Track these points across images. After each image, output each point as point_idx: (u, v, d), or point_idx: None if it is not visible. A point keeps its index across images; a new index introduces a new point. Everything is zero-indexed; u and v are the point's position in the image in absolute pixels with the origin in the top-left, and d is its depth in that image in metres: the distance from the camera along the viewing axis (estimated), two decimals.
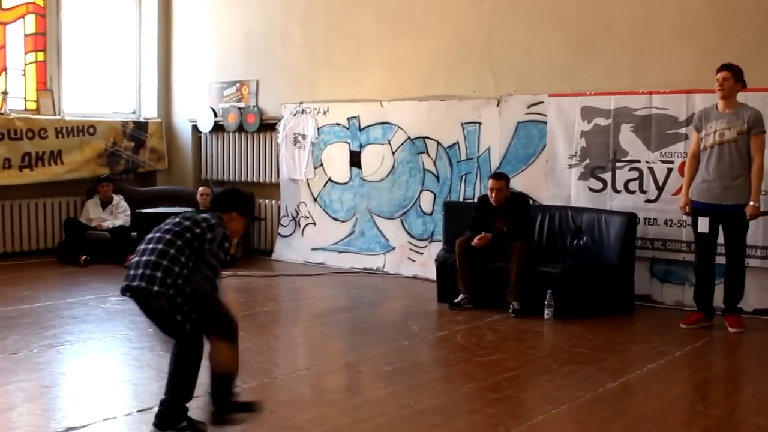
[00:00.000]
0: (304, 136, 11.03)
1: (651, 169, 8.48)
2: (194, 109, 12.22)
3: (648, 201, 8.50)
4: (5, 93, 11.02)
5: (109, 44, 12.33)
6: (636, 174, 8.58)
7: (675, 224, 8.35)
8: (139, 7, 12.51)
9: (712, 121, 7.36)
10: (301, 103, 11.06)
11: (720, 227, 7.45)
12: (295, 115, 11.11)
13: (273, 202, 11.56)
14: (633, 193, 8.59)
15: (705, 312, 7.58)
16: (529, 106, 9.26)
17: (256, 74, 11.65)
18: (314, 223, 11.02)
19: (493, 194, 8.26)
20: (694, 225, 7.52)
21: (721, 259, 7.55)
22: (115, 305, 8.31)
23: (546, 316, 7.77)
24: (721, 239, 7.48)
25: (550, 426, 4.98)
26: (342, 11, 10.84)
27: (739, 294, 7.51)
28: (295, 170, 11.14)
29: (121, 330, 7.36)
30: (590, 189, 8.85)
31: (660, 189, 8.44)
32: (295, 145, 11.12)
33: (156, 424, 4.65)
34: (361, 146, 10.57)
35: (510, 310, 7.95)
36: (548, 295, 7.79)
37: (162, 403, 4.67)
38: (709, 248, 7.49)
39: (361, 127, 10.55)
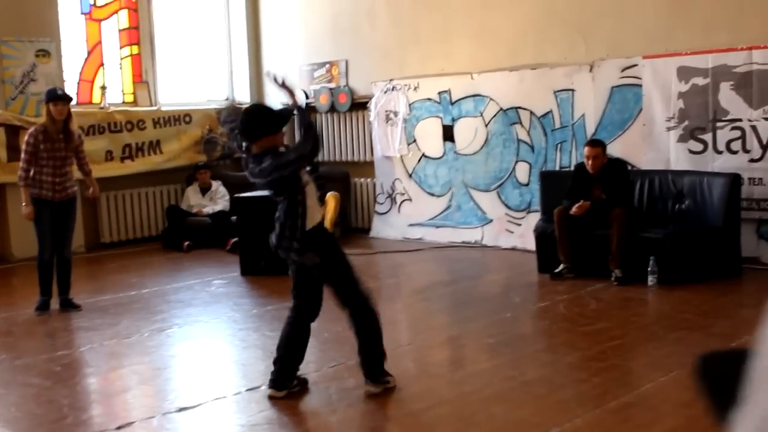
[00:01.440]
0: (395, 113, 11.03)
1: (754, 128, 8.22)
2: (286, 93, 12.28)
3: (752, 160, 8.25)
4: (104, 87, 11.30)
5: (200, 33, 12.52)
6: (738, 133, 8.32)
7: None
8: None
9: None
10: (391, 80, 11.05)
11: None
12: (385, 92, 11.11)
13: (368, 180, 11.59)
14: (735, 153, 8.34)
15: None
16: (623, 70, 9.07)
17: (345, 54, 11.68)
18: (410, 199, 11.03)
19: (590, 161, 8.13)
20: None
21: None
22: (219, 288, 8.49)
23: (650, 283, 7.63)
24: None
25: (659, 393, 4.90)
26: None
27: None
28: (388, 147, 11.16)
29: (226, 312, 7.53)
30: (690, 151, 8.63)
31: (765, 147, 8.18)
32: (387, 122, 11.13)
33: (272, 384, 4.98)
34: (453, 120, 10.52)
35: (612, 278, 7.83)
36: (651, 262, 7.63)
37: (276, 361, 4.99)
38: None
39: (453, 100, 10.49)
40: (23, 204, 7.44)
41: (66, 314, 7.54)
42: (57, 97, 7.46)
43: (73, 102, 10.91)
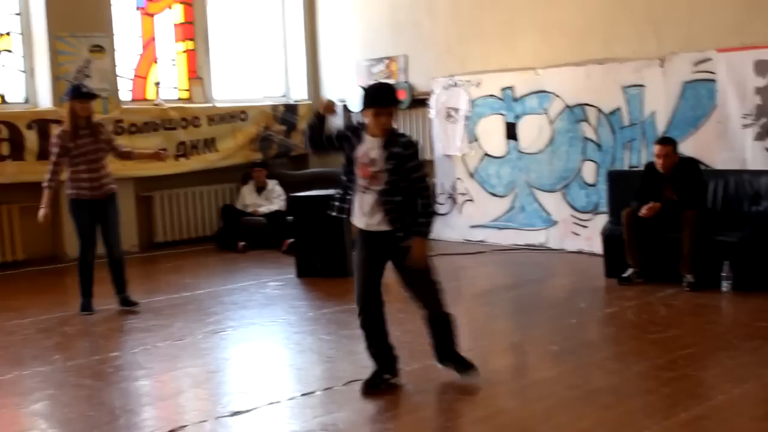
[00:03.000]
0: (457, 110, 10.77)
1: None
2: (344, 89, 12.12)
3: None
4: (158, 84, 11.22)
5: (256, 28, 12.40)
6: None
7: None
8: None
9: None
10: (452, 76, 10.79)
11: None
12: (446, 89, 10.86)
13: (428, 180, 11.31)
14: None
15: None
16: (696, 64, 8.69)
17: (405, 49, 11.45)
18: (472, 200, 10.76)
19: (660, 160, 7.81)
20: None
21: None
22: (275, 290, 8.40)
23: (724, 289, 7.30)
24: None
25: (733, 406, 4.69)
26: None
27: None
28: (449, 146, 10.90)
29: (281, 315, 7.45)
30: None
31: None
32: (448, 119, 10.87)
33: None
34: (516, 117, 10.23)
35: (684, 284, 7.51)
36: (725, 266, 7.30)
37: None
38: None
39: (516, 97, 10.20)
40: (41, 206, 7.47)
41: (118, 315, 7.52)
42: (82, 95, 7.45)
43: (128, 98, 11.00)
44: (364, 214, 4.97)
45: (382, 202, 4.89)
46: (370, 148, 4.89)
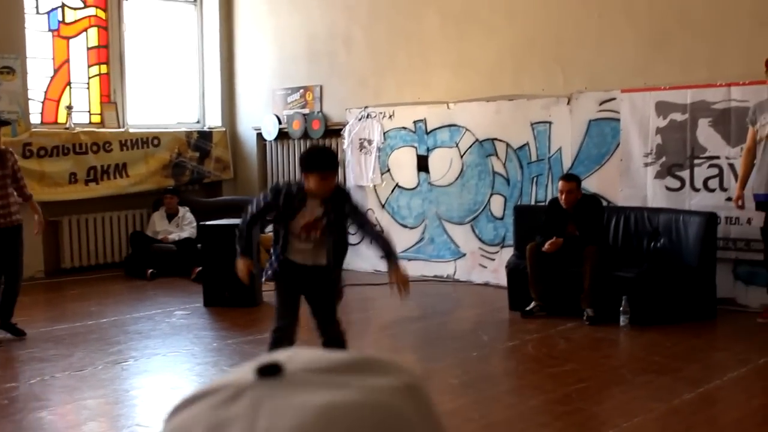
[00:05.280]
0: (370, 141, 10.84)
1: (732, 166, 8.06)
2: (258, 117, 12.12)
3: (729, 199, 8.07)
4: (70, 107, 11.05)
5: (172, 54, 12.31)
6: (716, 171, 8.17)
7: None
8: (201, 15, 12.47)
9: (765, 112, 7.08)
10: (366, 107, 10.86)
11: None
12: (360, 119, 10.92)
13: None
14: (713, 191, 8.19)
15: None
16: (601, 103, 8.91)
17: (320, 79, 11.50)
18: (382, 231, 10.76)
19: (564, 196, 7.95)
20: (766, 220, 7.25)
21: None
22: (181, 319, 8.31)
23: (622, 323, 7.43)
24: None
25: None
26: (405, 12, 10.61)
27: None
28: (361, 176, 10.95)
29: (185, 345, 7.37)
30: (667, 188, 8.47)
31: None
32: (361, 150, 10.93)
33: None
34: (428, 150, 10.33)
35: (584, 318, 7.63)
36: (623, 301, 7.44)
37: None
38: None
39: (428, 130, 10.31)
40: None
41: (17, 344, 7.28)
42: None
43: (38, 121, 10.80)
44: (297, 251, 5.01)
45: (320, 243, 4.98)
46: (313, 207, 4.93)
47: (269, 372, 0.79)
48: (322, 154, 5.09)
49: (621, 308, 7.43)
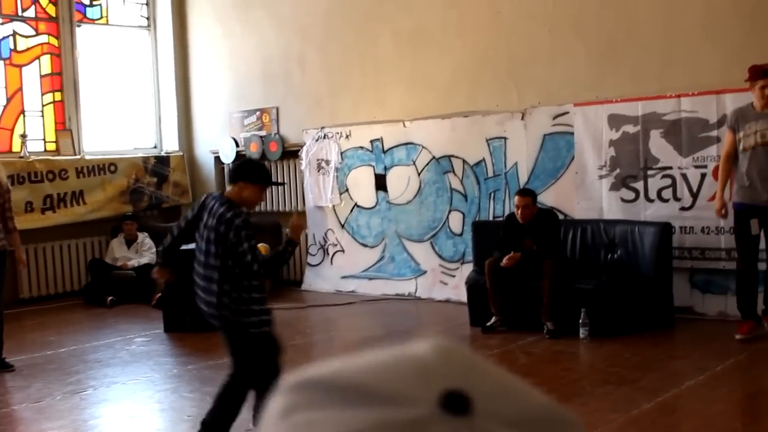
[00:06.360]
0: (327, 162, 10.83)
1: (684, 176, 8.17)
2: (215, 140, 12.08)
3: (683, 209, 8.19)
4: (24, 136, 10.94)
5: (127, 80, 12.23)
6: (669, 181, 8.28)
7: (713, 232, 8.03)
8: (155, 40, 12.42)
9: (751, 121, 7.04)
10: (322, 128, 10.86)
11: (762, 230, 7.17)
12: (317, 140, 10.92)
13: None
14: (667, 201, 8.29)
15: (754, 319, 7.23)
16: (555, 117, 9.00)
17: (276, 101, 11.49)
18: (343, 251, 10.79)
19: (519, 211, 8.00)
20: (742, 229, 7.19)
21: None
22: (141, 346, 8.25)
23: (581, 335, 7.46)
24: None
25: None
26: (359, 32, 10.65)
27: None
28: (320, 197, 10.94)
29: (145, 372, 7.32)
30: (622, 200, 8.56)
31: (695, 195, 8.13)
32: (319, 171, 10.93)
33: None
34: (385, 169, 10.36)
35: (545, 331, 7.67)
36: (582, 314, 7.47)
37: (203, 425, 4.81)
38: (756, 251, 7.19)
39: (385, 149, 10.34)
40: None
41: None
42: None
43: None
44: None
45: None
46: None
47: (457, 407, 0.67)
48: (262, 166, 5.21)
49: (580, 320, 7.46)
